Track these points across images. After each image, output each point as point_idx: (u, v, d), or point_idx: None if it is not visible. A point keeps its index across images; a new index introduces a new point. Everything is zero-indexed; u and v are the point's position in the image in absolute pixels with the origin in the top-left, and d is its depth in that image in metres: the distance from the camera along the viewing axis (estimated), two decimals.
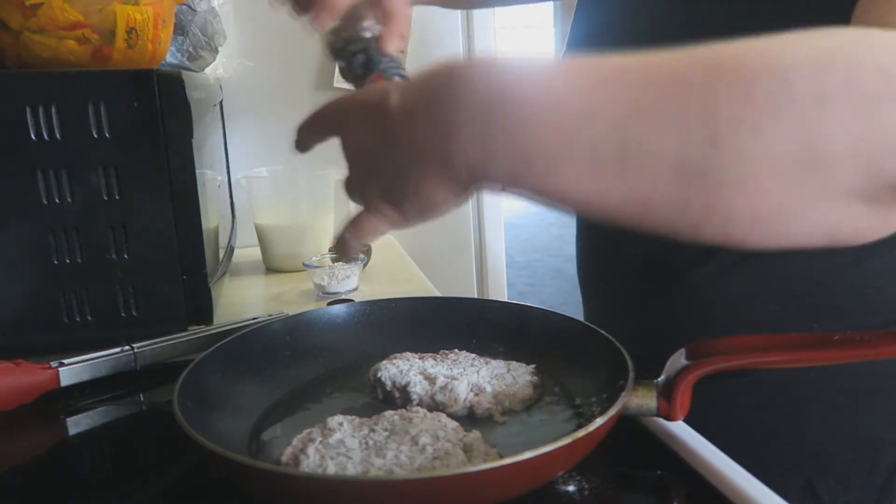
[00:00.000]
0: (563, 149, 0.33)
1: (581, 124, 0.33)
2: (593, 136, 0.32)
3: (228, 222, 1.19)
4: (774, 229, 0.34)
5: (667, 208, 0.33)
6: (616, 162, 0.32)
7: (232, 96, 1.38)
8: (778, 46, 0.33)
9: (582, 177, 0.33)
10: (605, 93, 0.33)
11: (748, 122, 0.31)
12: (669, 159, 0.32)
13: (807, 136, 0.31)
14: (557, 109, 0.33)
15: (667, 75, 0.33)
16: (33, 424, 0.64)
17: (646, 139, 0.32)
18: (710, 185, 0.32)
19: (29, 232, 0.76)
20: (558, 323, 0.63)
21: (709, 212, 0.33)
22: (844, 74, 0.31)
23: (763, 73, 0.31)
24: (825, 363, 0.55)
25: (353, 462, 0.45)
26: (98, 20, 0.77)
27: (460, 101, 0.34)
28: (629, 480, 0.50)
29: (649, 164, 0.32)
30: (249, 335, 0.62)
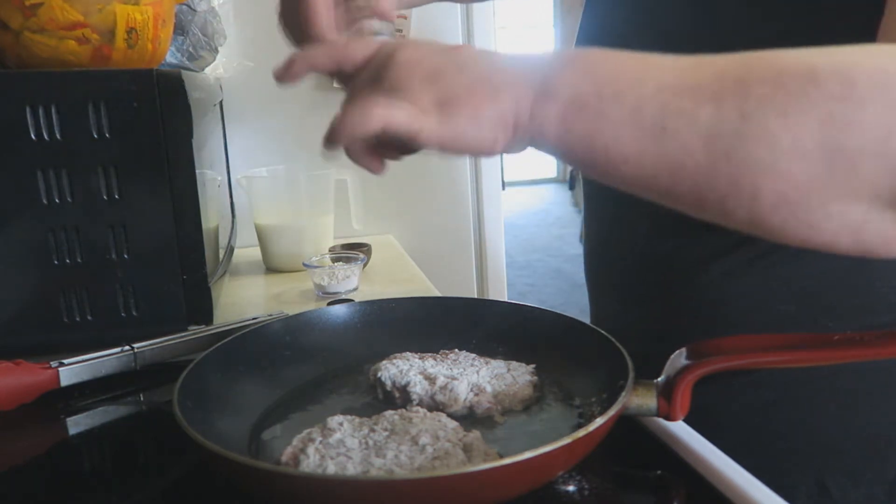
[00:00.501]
0: (613, 102, 0.37)
1: (631, 85, 0.37)
2: (639, 97, 0.36)
3: (228, 222, 1.19)
4: (799, 216, 0.35)
5: (697, 177, 0.36)
6: (654, 125, 0.36)
7: (232, 96, 1.38)
8: (811, 53, 0.35)
9: (624, 133, 0.36)
10: (655, 67, 0.37)
11: (777, 104, 0.34)
12: (702, 129, 0.35)
13: (833, 128, 0.33)
14: (615, 69, 0.37)
15: (708, 63, 0.37)
16: (33, 424, 0.64)
17: (683, 108, 0.35)
18: (737, 160, 0.34)
19: (29, 232, 0.76)
20: (558, 323, 0.63)
21: (735, 187, 0.35)
22: (871, 79, 0.33)
23: (795, 68, 0.34)
24: (825, 363, 0.55)
25: (353, 462, 0.45)
26: (98, 20, 0.77)
27: (532, 57, 0.39)
28: (629, 480, 0.50)
29: (684, 131, 0.35)
30: (249, 335, 0.62)
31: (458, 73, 0.40)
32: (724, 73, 0.36)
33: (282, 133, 1.45)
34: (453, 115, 0.39)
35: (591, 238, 0.76)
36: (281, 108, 1.44)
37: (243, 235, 1.32)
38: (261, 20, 1.40)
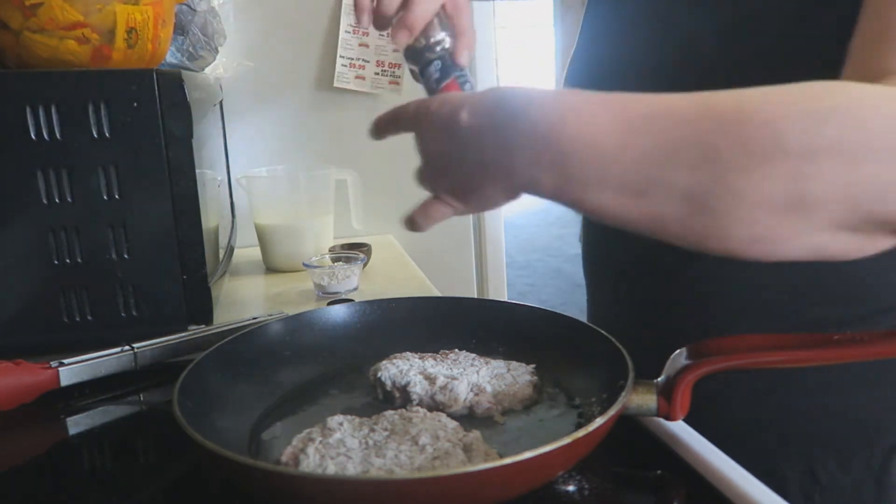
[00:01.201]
0: (597, 177, 0.41)
1: (612, 160, 0.41)
2: (621, 169, 0.40)
3: (228, 222, 1.19)
4: (767, 249, 0.40)
5: (676, 227, 0.41)
6: (637, 190, 0.40)
7: (232, 96, 1.38)
8: (778, 100, 0.39)
9: (610, 198, 0.41)
10: (632, 136, 0.40)
11: (743, 167, 0.38)
12: (679, 192, 0.39)
13: (795, 183, 0.37)
14: (594, 146, 0.41)
15: (682, 124, 0.40)
16: (33, 424, 0.64)
17: (661, 176, 0.40)
18: (710, 215, 0.39)
19: (29, 232, 0.76)
20: (558, 323, 0.63)
21: (710, 233, 0.40)
22: (836, 132, 0.37)
23: (760, 128, 0.38)
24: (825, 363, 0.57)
25: (353, 462, 0.45)
26: (98, 20, 0.77)
27: (520, 130, 0.43)
28: (629, 480, 0.50)
29: (664, 195, 0.40)
30: (249, 335, 0.62)
31: (459, 160, 0.46)
32: (697, 134, 0.39)
33: (282, 133, 1.45)
34: (466, 201, 0.49)
35: (589, 233, 0.77)
36: (281, 108, 1.44)
37: (243, 235, 1.32)
38: (261, 20, 1.40)
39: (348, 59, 1.45)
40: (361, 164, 1.39)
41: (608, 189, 0.41)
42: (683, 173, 0.39)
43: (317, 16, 1.43)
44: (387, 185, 1.50)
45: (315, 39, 1.44)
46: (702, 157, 0.39)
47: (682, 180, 0.39)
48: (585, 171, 0.41)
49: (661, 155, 0.40)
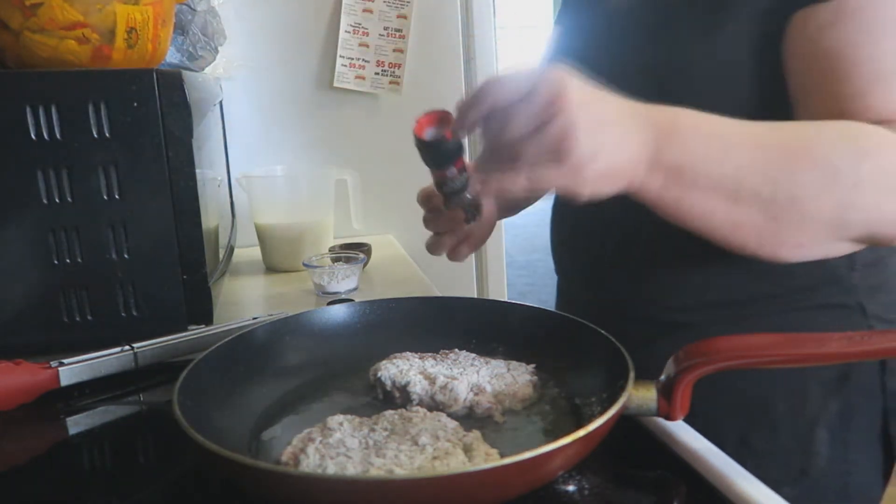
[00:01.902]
0: (702, 177, 0.50)
1: (718, 163, 0.50)
2: (722, 175, 0.50)
3: (228, 222, 1.19)
4: (802, 254, 0.53)
5: (747, 231, 0.52)
6: (729, 197, 0.50)
7: (232, 96, 1.38)
8: (826, 138, 0.51)
9: (705, 199, 0.51)
10: (734, 147, 0.50)
11: (813, 191, 0.50)
12: (762, 201, 0.50)
13: (842, 207, 0.51)
14: (706, 154, 0.50)
15: (766, 148, 0.51)
16: (33, 424, 0.64)
17: (752, 185, 0.50)
18: (778, 223, 0.51)
19: (29, 232, 0.76)
20: (558, 323, 0.63)
21: (772, 240, 0.52)
22: (870, 169, 0.50)
23: (819, 161, 0.50)
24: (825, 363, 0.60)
25: (352, 462, 0.45)
26: (98, 20, 0.77)
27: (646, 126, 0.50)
28: (629, 480, 0.50)
29: (750, 202, 0.50)
30: (249, 335, 0.62)
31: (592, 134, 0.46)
32: (780, 162, 0.50)
33: (282, 133, 1.45)
34: (578, 178, 0.47)
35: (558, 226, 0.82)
36: (281, 108, 1.44)
37: (243, 235, 1.32)
38: (261, 20, 1.40)
39: (348, 59, 1.45)
40: (361, 164, 1.39)
41: (706, 189, 0.50)
42: (768, 187, 0.50)
43: (317, 16, 1.43)
44: (387, 185, 1.50)
45: (315, 39, 1.44)
46: (784, 177, 0.50)
47: (766, 192, 0.50)
48: (696, 171, 0.50)
49: (754, 167, 0.50)
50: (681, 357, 0.49)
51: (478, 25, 1.54)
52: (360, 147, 1.48)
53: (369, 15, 1.44)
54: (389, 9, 1.45)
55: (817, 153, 0.50)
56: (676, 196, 0.50)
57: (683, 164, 0.49)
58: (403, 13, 1.46)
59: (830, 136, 0.51)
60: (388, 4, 1.45)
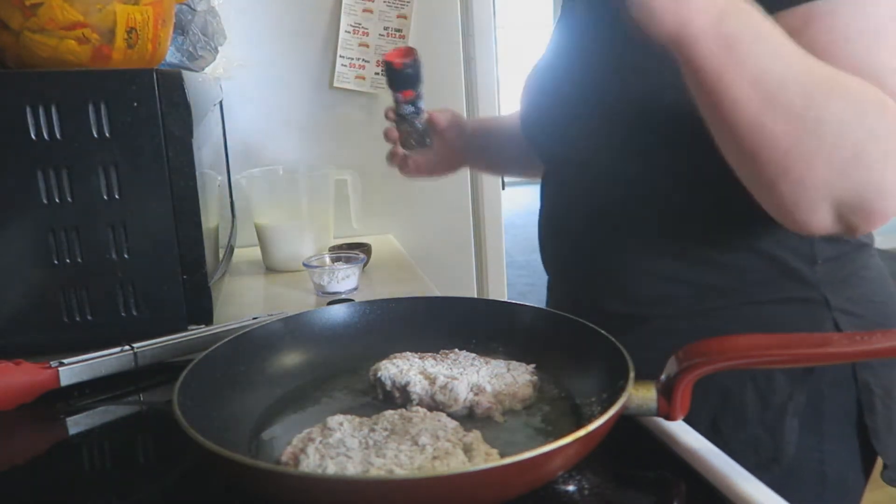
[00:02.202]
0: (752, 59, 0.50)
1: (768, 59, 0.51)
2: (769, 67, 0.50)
3: (228, 222, 1.19)
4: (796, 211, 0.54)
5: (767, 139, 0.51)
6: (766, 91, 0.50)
7: (232, 96, 1.38)
8: (866, 88, 0.52)
9: (743, 84, 0.50)
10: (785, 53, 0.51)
11: (835, 122, 0.50)
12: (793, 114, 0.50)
13: (855, 154, 0.51)
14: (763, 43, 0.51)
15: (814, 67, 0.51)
16: (33, 424, 0.64)
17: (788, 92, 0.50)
18: (810, 139, 0.51)
19: (29, 232, 0.76)
20: (558, 323, 0.63)
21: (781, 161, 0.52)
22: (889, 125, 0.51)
23: (851, 99, 0.51)
24: (825, 363, 0.63)
25: (352, 462, 0.45)
26: (98, 20, 0.77)
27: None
28: (629, 480, 0.50)
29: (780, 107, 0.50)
30: (249, 335, 0.62)
31: None
32: (820, 83, 0.51)
33: (281, 133, 1.45)
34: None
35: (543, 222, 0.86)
36: (281, 108, 1.44)
37: (243, 235, 1.32)
38: (261, 20, 1.40)
39: (348, 59, 1.45)
40: (361, 164, 1.39)
41: (750, 78, 0.50)
42: (802, 100, 0.50)
43: (317, 16, 1.43)
44: (387, 185, 1.50)
45: (315, 39, 1.44)
46: (816, 96, 0.50)
47: (798, 105, 0.50)
48: (748, 54, 0.50)
49: (797, 78, 0.50)
50: (681, 357, 0.49)
51: (478, 25, 1.54)
52: (360, 147, 1.48)
53: (369, 15, 1.44)
54: (389, 9, 1.45)
55: (852, 90, 0.51)
56: (719, 68, 0.50)
57: (741, 40, 0.50)
58: (403, 13, 1.46)
59: (864, 86, 0.52)
60: (388, 4, 1.45)
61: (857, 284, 0.70)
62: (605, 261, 0.74)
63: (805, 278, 0.67)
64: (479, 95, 1.56)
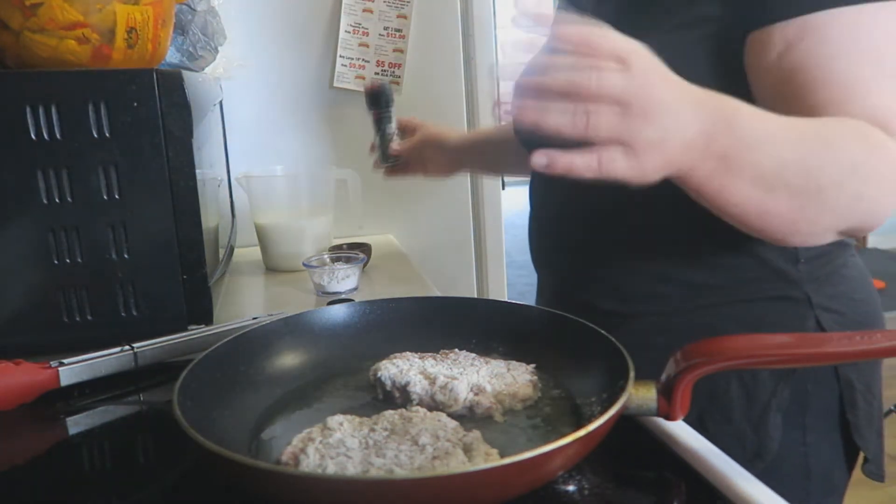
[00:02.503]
0: (748, 168, 0.52)
1: (763, 158, 0.52)
2: (766, 166, 0.52)
3: (228, 222, 1.19)
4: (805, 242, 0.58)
5: (777, 219, 0.55)
6: (767, 188, 0.53)
7: (232, 96, 1.38)
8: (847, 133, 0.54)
9: (744, 187, 0.53)
10: (777, 145, 0.52)
11: (834, 183, 0.53)
12: (792, 193, 0.53)
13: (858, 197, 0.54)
14: (752, 138, 0.52)
15: (805, 142, 0.53)
16: (33, 424, 0.64)
17: (786, 180, 0.53)
18: (806, 212, 0.54)
19: (29, 231, 0.76)
20: (558, 323, 0.63)
21: (796, 228, 0.55)
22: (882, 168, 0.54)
23: (842, 157, 0.53)
24: (825, 363, 0.64)
25: (353, 462, 0.45)
26: (98, 20, 0.77)
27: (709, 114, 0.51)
28: (629, 480, 0.50)
29: (783, 193, 0.53)
30: (249, 335, 0.62)
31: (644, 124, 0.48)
32: (813, 155, 0.53)
33: (281, 133, 1.45)
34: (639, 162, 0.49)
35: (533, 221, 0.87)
36: (281, 108, 1.44)
37: (243, 235, 1.32)
38: (261, 20, 1.40)
39: (348, 59, 1.45)
40: (361, 164, 1.39)
41: (749, 183, 0.52)
42: (800, 179, 0.53)
43: (317, 16, 1.43)
44: (387, 185, 1.50)
45: (315, 39, 1.44)
46: (812, 169, 0.53)
47: (797, 183, 0.53)
48: (743, 162, 0.51)
49: (793, 161, 0.52)
50: (681, 357, 0.49)
51: (478, 25, 1.53)
52: (360, 147, 1.48)
53: (369, 15, 1.44)
54: (389, 9, 1.45)
55: (841, 147, 0.54)
56: (719, 184, 0.52)
57: (733, 155, 0.51)
58: (403, 13, 1.46)
59: (848, 132, 0.54)
60: (388, 4, 1.44)
61: (838, 282, 0.72)
62: (598, 259, 0.75)
63: (789, 276, 0.69)
64: (478, 95, 1.56)
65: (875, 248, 4.51)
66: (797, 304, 0.69)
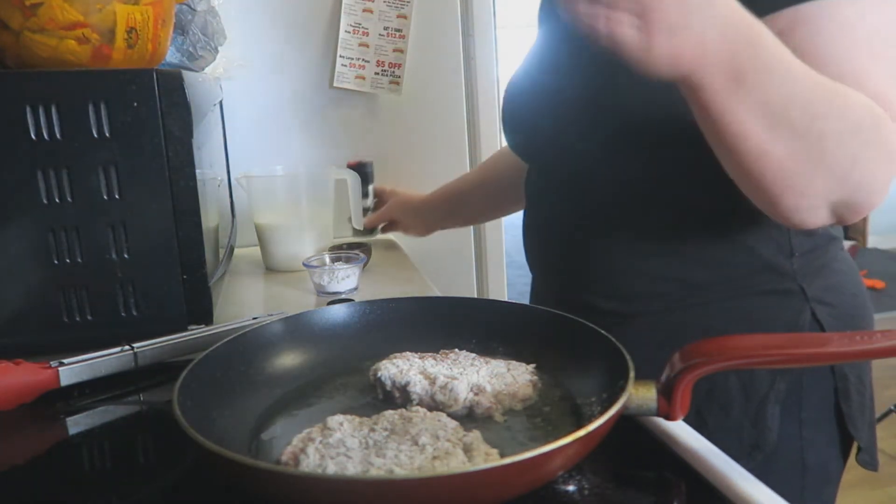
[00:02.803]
0: (758, 92, 0.50)
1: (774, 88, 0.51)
2: (774, 96, 0.51)
3: (228, 222, 1.19)
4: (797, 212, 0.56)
5: (770, 163, 0.53)
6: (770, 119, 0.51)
7: (232, 96, 1.38)
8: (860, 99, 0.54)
9: (748, 115, 0.51)
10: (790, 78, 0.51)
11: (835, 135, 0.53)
12: (795, 134, 0.52)
13: (851, 162, 0.54)
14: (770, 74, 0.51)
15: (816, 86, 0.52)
16: (33, 424, 0.64)
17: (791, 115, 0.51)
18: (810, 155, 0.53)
19: (29, 231, 0.76)
20: (558, 323, 0.63)
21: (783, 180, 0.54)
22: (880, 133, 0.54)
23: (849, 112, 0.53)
24: (825, 363, 0.64)
25: (353, 462, 0.45)
26: (98, 20, 0.77)
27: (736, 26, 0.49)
28: (629, 480, 0.50)
29: (783, 131, 0.52)
30: (249, 335, 0.62)
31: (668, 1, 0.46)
32: (822, 101, 0.52)
33: (282, 133, 1.45)
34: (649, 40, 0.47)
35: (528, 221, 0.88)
36: (281, 108, 1.44)
37: (243, 235, 1.32)
38: (261, 20, 1.40)
39: (348, 59, 1.45)
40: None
41: (755, 109, 0.51)
42: (804, 121, 0.52)
43: (317, 16, 1.43)
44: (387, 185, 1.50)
45: (315, 39, 1.44)
46: (817, 114, 0.52)
47: (801, 126, 0.51)
48: (754, 89, 0.50)
49: (801, 101, 0.51)
50: (681, 357, 0.49)
51: (478, 25, 1.53)
52: (360, 147, 1.48)
53: (369, 15, 1.44)
54: (389, 9, 1.45)
55: (849, 105, 0.53)
56: (725, 105, 0.51)
57: (747, 76, 0.49)
58: (403, 13, 1.46)
59: (859, 98, 0.54)
60: (388, 4, 1.44)
61: (829, 276, 0.73)
62: (594, 259, 0.76)
63: (784, 270, 0.70)
64: (479, 95, 1.56)
65: (875, 247, 4.51)
66: (792, 297, 0.70)
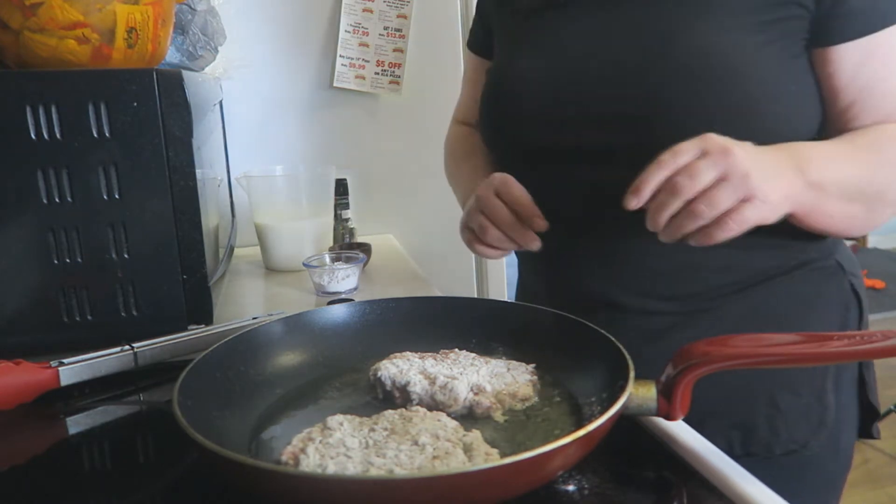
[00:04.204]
0: (833, 186, 0.63)
1: (841, 176, 0.64)
2: (844, 182, 0.64)
3: (228, 222, 1.19)
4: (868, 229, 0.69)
5: (853, 221, 0.66)
6: (847, 197, 0.64)
7: (232, 96, 1.38)
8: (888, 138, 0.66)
9: (833, 203, 0.63)
10: (844, 164, 0.64)
11: (888, 183, 0.66)
12: (864, 197, 0.65)
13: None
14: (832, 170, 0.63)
15: (860, 155, 0.65)
16: (33, 424, 0.64)
17: (858, 186, 0.65)
18: (871, 214, 0.67)
19: (29, 231, 0.76)
20: (558, 323, 0.63)
21: (864, 225, 0.67)
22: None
23: (892, 160, 0.65)
24: (825, 362, 0.66)
25: (353, 461, 0.45)
26: (98, 20, 0.77)
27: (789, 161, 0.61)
28: (629, 480, 0.50)
29: (857, 199, 0.65)
30: (249, 335, 0.62)
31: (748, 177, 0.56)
32: (870, 164, 0.65)
33: (281, 133, 1.45)
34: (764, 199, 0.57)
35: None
36: (281, 108, 1.44)
37: (243, 235, 1.32)
38: (261, 20, 1.40)
39: (348, 59, 1.45)
40: (361, 164, 1.39)
41: (836, 197, 0.63)
42: (866, 185, 0.65)
43: (317, 16, 1.43)
44: (387, 185, 1.50)
45: (315, 39, 1.44)
46: (873, 176, 0.65)
47: (867, 190, 0.65)
48: (830, 185, 0.62)
49: (858, 173, 0.64)
50: (681, 357, 0.49)
51: None
52: (360, 147, 1.48)
53: (369, 15, 1.44)
54: (389, 9, 1.45)
55: (888, 152, 0.66)
56: (817, 206, 0.63)
57: (822, 181, 0.62)
58: (403, 13, 1.46)
59: (891, 138, 0.66)
60: (388, 4, 1.45)
61: (845, 250, 0.80)
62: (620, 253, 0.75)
63: (821, 248, 0.75)
64: None
65: (875, 247, 4.50)
66: (833, 272, 0.76)
